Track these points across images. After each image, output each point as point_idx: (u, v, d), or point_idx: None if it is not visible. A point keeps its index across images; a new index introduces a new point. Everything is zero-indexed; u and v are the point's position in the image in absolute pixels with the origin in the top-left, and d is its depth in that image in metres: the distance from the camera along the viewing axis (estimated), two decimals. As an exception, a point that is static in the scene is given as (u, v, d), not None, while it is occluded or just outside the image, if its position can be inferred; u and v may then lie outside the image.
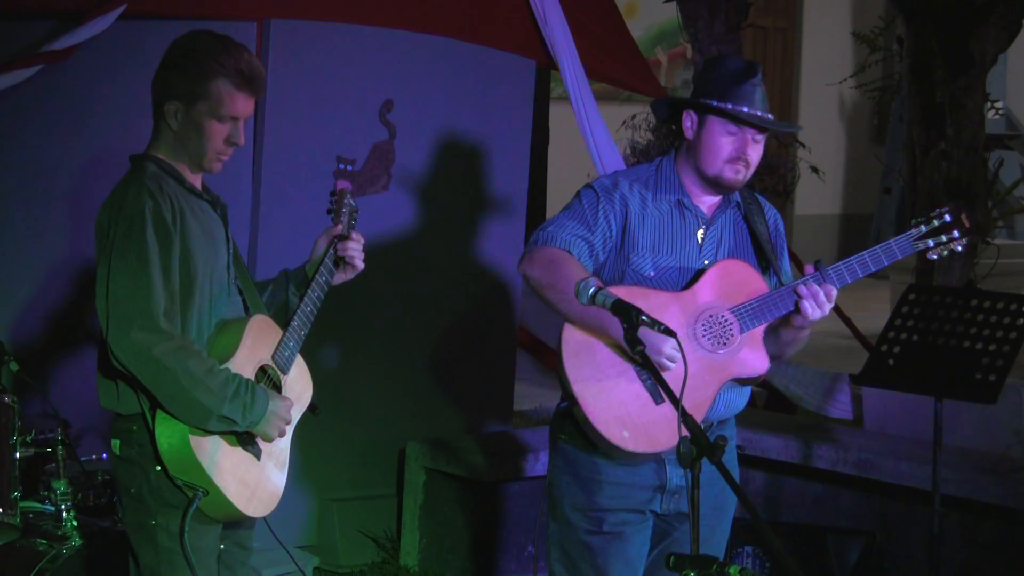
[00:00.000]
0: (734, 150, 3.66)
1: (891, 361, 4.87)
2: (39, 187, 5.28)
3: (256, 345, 3.51)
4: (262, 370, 3.52)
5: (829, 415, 6.37)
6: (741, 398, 3.81)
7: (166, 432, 3.37)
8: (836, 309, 6.68)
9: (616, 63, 6.42)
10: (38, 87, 5.01)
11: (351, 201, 3.73)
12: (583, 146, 6.11)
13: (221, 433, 3.40)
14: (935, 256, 3.74)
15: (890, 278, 10.10)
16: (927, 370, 4.79)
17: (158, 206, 3.37)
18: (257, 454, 3.50)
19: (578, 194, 3.80)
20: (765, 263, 3.81)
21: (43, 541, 4.36)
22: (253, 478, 3.49)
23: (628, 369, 3.62)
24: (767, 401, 6.89)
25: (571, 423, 3.72)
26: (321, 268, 3.64)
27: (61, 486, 4.39)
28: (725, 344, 3.64)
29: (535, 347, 6.80)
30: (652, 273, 3.71)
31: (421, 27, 5.88)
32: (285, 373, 3.56)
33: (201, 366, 3.33)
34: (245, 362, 3.46)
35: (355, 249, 3.68)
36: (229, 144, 3.48)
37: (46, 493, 4.46)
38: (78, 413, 5.04)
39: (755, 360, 3.67)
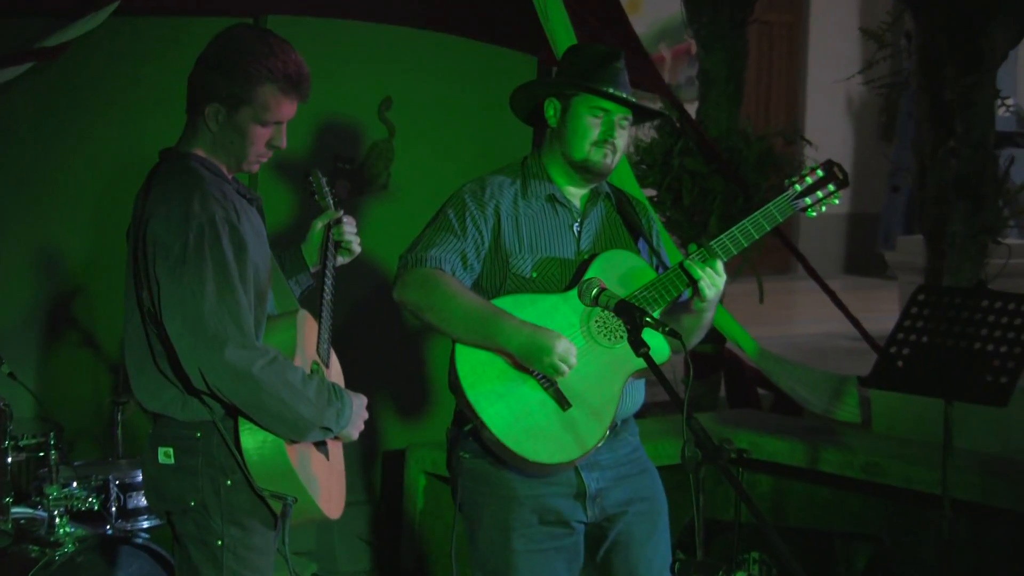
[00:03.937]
0: (601, 132, 3.60)
1: (900, 363, 4.82)
2: (33, 189, 5.26)
3: (307, 342, 3.41)
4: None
5: (836, 418, 6.31)
6: (640, 393, 3.74)
7: (255, 442, 3.20)
8: (843, 310, 6.69)
9: (619, 60, 6.37)
10: (33, 86, 4.98)
11: (323, 178, 3.75)
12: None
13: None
14: (815, 213, 3.71)
15: (898, 279, 10.03)
16: (937, 372, 4.74)
17: (228, 214, 3.21)
18: (327, 454, 3.42)
19: (444, 206, 3.69)
20: (647, 251, 3.75)
21: (35, 547, 4.36)
22: (326, 479, 3.40)
23: (528, 378, 3.52)
24: (773, 404, 6.85)
25: (472, 441, 3.59)
26: (327, 256, 3.60)
27: (54, 491, 4.38)
28: (622, 337, 3.52)
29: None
30: (533, 274, 3.63)
31: (421, 24, 5.86)
32: (327, 367, 3.48)
33: (296, 376, 3.20)
34: (306, 362, 3.35)
35: (351, 232, 3.66)
36: (271, 147, 3.35)
37: (38, 499, 4.46)
38: (71, 417, 5.02)
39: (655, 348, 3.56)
